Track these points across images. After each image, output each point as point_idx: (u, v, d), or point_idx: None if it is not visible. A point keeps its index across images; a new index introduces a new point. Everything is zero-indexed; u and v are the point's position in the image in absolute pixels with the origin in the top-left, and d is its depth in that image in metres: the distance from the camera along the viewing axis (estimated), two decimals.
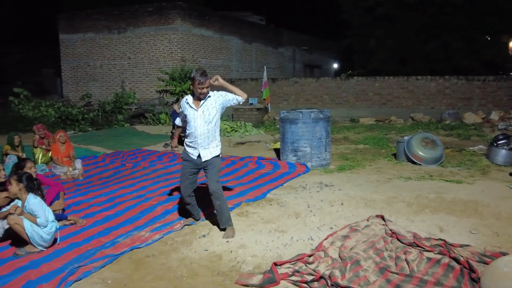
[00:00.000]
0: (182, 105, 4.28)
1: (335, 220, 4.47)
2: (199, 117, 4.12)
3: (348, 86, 15.08)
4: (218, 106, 4.18)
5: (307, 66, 27.84)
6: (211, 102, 4.15)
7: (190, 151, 4.24)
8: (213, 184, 4.13)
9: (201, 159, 4.17)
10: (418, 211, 4.80)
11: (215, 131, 4.22)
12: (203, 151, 4.16)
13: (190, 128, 4.21)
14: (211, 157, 4.17)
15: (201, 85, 4.01)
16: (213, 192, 4.11)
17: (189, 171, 4.25)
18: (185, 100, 4.24)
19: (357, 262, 3.29)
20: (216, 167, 4.19)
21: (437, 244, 3.61)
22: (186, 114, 4.21)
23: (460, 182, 6.07)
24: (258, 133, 12.30)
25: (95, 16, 18.82)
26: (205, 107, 4.13)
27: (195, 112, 4.14)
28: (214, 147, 4.21)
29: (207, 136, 4.14)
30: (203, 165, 4.21)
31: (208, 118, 4.13)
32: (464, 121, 12.74)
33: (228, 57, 19.75)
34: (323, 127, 7.45)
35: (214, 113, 4.15)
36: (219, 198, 4.11)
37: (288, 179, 6.59)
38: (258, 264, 3.42)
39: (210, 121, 4.14)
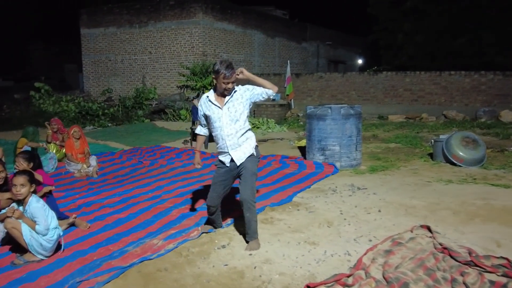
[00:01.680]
0: (202, 104, 3.73)
1: (374, 231, 3.91)
2: (224, 116, 3.59)
3: (376, 82, 14.38)
4: (245, 101, 3.64)
5: (331, 62, 27.07)
6: (237, 98, 3.61)
7: (222, 158, 3.72)
8: (246, 192, 3.57)
9: (235, 163, 3.66)
10: (467, 220, 4.20)
11: (245, 129, 3.67)
12: (235, 153, 3.64)
13: (215, 130, 3.68)
14: (245, 157, 3.64)
15: (226, 80, 3.48)
16: (245, 201, 3.56)
17: (222, 179, 3.73)
18: (206, 98, 3.70)
19: (406, 285, 2.75)
20: (251, 170, 3.63)
21: (500, 264, 3.02)
22: (209, 115, 3.67)
23: (509, 187, 5.42)
24: (281, 130, 11.79)
25: (116, 10, 18.60)
26: (230, 103, 3.59)
27: (219, 110, 3.61)
28: (247, 146, 3.67)
29: (236, 136, 3.62)
30: (239, 171, 3.68)
31: (234, 115, 3.59)
32: (501, 119, 11.92)
33: (250, 52, 19.25)
34: (354, 124, 6.87)
35: (241, 110, 3.62)
36: (250, 210, 3.57)
37: (315, 180, 6.06)
38: (287, 285, 2.90)
39: (238, 119, 3.61)
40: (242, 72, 3.59)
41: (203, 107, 3.71)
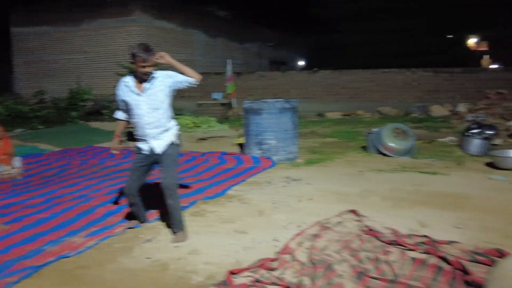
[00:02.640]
0: (119, 90, 3.52)
1: (304, 217, 3.90)
2: (143, 103, 3.41)
3: (315, 80, 14.67)
4: (166, 88, 3.48)
5: (273, 63, 27.36)
6: (157, 85, 3.44)
7: (141, 145, 3.56)
8: (167, 178, 3.43)
9: (154, 152, 3.51)
10: (395, 204, 4.31)
11: (167, 116, 3.53)
12: (156, 142, 3.49)
13: (134, 117, 3.50)
14: (165, 146, 3.50)
15: (144, 63, 3.29)
16: (166, 187, 3.41)
17: (140, 164, 3.57)
18: (124, 83, 3.49)
19: (330, 267, 2.74)
20: (172, 156, 3.51)
21: (422, 242, 3.10)
22: (128, 101, 3.48)
23: (436, 174, 5.67)
24: (222, 129, 11.67)
25: (50, 8, 17.64)
26: (150, 90, 3.42)
27: (138, 97, 3.43)
28: (169, 134, 3.54)
29: (157, 125, 3.47)
30: (159, 158, 3.53)
31: (154, 103, 3.43)
32: (432, 114, 12.54)
33: (192, 52, 19.01)
34: (290, 118, 6.90)
35: (162, 98, 3.46)
36: (172, 196, 3.42)
37: (252, 174, 6.00)
38: (212, 274, 2.80)
39: (159, 107, 3.45)
40: (163, 57, 3.43)
41: (121, 92, 3.51)
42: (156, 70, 3.46)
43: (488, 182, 5.21)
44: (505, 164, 5.87)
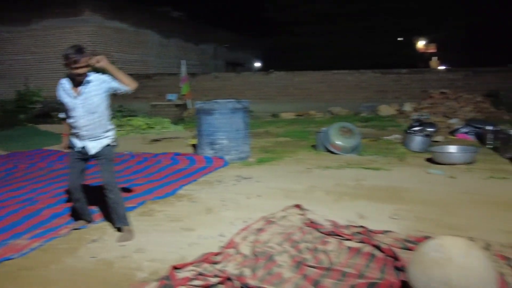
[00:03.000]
0: (58, 91, 3.52)
1: (251, 213, 4.03)
2: (79, 107, 3.42)
3: (269, 81, 14.89)
4: (102, 93, 3.49)
5: (229, 64, 27.41)
6: (93, 89, 3.44)
7: (74, 141, 3.57)
8: (106, 176, 3.51)
9: (89, 152, 3.54)
10: (338, 199, 4.53)
11: (103, 120, 3.55)
12: (90, 143, 3.52)
13: (71, 119, 3.51)
14: (100, 148, 3.54)
15: (76, 65, 3.28)
16: (106, 184, 3.48)
17: (77, 158, 3.59)
18: (61, 86, 3.49)
19: (271, 258, 2.87)
20: (108, 156, 3.56)
21: (358, 232, 3.30)
22: (64, 102, 3.48)
23: (378, 169, 5.96)
24: (176, 130, 11.63)
25: None
26: (86, 94, 3.42)
27: (74, 100, 3.43)
28: (104, 137, 3.57)
29: (93, 128, 3.49)
30: (94, 156, 3.57)
31: (90, 108, 3.44)
32: (380, 114, 13.07)
33: (145, 52, 18.73)
34: (241, 118, 7.03)
35: (98, 102, 3.47)
36: (113, 192, 3.48)
37: (204, 173, 6.07)
38: (156, 270, 2.86)
39: (94, 112, 3.46)
40: (100, 60, 3.42)
41: (59, 94, 3.51)
42: (91, 72, 3.47)
43: (426, 176, 5.55)
44: (442, 159, 6.26)
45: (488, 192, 4.60)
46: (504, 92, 12.97)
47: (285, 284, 2.54)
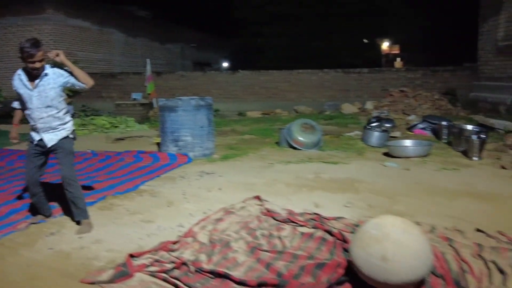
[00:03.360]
0: (14, 81, 3.52)
1: (211, 205, 4.12)
2: (35, 99, 3.44)
3: (235, 80, 14.99)
4: (57, 87, 3.52)
5: (197, 64, 27.35)
6: (49, 82, 3.47)
7: (32, 135, 3.57)
8: (65, 169, 3.53)
9: (46, 145, 3.54)
10: (296, 190, 4.68)
11: (59, 113, 3.57)
12: (46, 136, 3.54)
13: (26, 110, 3.52)
14: (57, 140, 3.55)
15: (31, 59, 3.29)
16: (65, 177, 3.50)
17: (34, 153, 3.59)
18: (18, 76, 3.50)
19: (227, 244, 2.97)
20: (66, 149, 3.57)
21: (311, 219, 3.45)
22: (20, 93, 3.49)
23: (337, 163, 6.16)
24: (141, 129, 11.54)
25: None
26: (41, 87, 3.45)
27: (30, 92, 3.44)
28: (61, 129, 3.59)
29: (48, 120, 3.51)
30: (52, 150, 3.58)
31: (46, 101, 3.47)
32: (343, 112, 13.39)
33: (110, 51, 18.45)
34: (205, 115, 7.09)
35: (53, 96, 3.49)
36: (72, 185, 3.50)
37: (167, 170, 6.10)
38: (113, 259, 2.91)
39: (50, 105, 3.49)
40: (58, 55, 3.45)
41: (16, 84, 3.50)
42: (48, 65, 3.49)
43: (382, 168, 5.79)
44: (398, 153, 6.53)
45: (437, 182, 4.87)
46: (460, 90, 13.57)
47: (239, 267, 2.65)
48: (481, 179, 4.98)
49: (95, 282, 2.54)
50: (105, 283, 2.52)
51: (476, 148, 6.29)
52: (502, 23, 10.93)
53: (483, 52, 12.10)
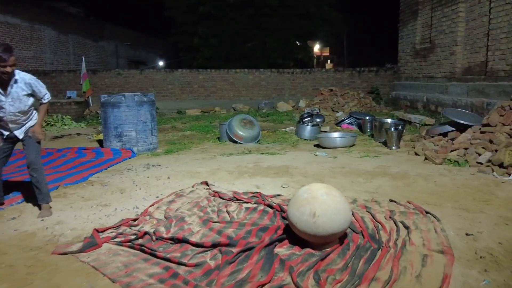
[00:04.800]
0: None
1: (162, 191, 4.49)
2: (8, 105, 3.63)
3: (173, 79, 15.21)
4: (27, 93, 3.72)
5: (131, 62, 27.00)
6: (22, 88, 3.67)
7: (1, 131, 3.78)
8: (31, 155, 3.76)
9: (17, 138, 3.81)
10: (238, 176, 5.17)
11: (29, 113, 3.86)
12: (17, 131, 3.80)
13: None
14: (25, 130, 3.82)
15: (2, 63, 3.42)
16: (31, 163, 3.74)
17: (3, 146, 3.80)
18: None
19: (182, 219, 3.39)
20: (32, 138, 3.82)
21: (254, 196, 3.96)
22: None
23: (274, 154, 6.74)
24: (78, 127, 11.44)
25: None
26: (14, 94, 3.63)
27: (3, 97, 3.61)
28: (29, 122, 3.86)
29: (20, 121, 3.78)
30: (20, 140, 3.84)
31: (19, 106, 3.68)
32: (278, 109, 14.14)
33: (40, 49, 17.83)
34: (148, 111, 7.37)
35: (25, 101, 3.71)
36: (37, 171, 3.75)
37: (112, 164, 6.31)
38: (78, 235, 3.22)
39: (22, 109, 3.72)
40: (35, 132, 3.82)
41: None
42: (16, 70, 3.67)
43: (313, 157, 6.45)
44: (327, 144, 7.26)
45: (359, 167, 5.59)
46: (383, 89, 14.86)
47: (194, 235, 3.08)
48: (396, 163, 5.79)
49: (66, 253, 2.85)
50: (76, 253, 2.84)
51: (394, 138, 7.16)
52: (418, 28, 12.19)
53: (403, 54, 13.37)
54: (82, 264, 2.69)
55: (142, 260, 2.70)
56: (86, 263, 2.69)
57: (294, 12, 21.38)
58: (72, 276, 2.54)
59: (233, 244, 2.82)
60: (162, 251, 2.82)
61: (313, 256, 2.67)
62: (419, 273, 2.40)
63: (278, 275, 2.45)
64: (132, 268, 2.57)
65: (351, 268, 2.50)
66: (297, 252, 2.75)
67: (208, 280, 2.43)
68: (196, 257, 2.72)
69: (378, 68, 15.37)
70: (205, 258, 2.71)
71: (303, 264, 2.56)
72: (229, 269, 2.53)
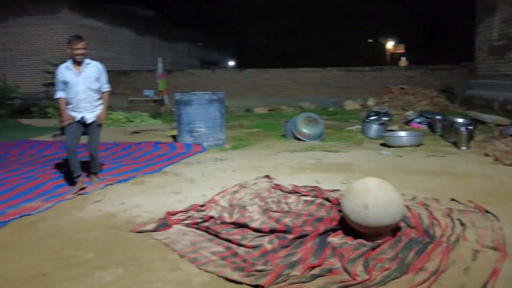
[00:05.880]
0: (60, 72, 4.45)
1: (227, 182, 4.81)
2: (81, 83, 4.41)
3: (241, 78, 15.69)
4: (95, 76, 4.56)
5: (204, 62, 28.08)
6: (92, 70, 4.50)
7: (73, 114, 4.51)
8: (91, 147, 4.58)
9: (86, 121, 4.51)
10: (299, 172, 5.37)
11: (97, 97, 4.60)
12: (88, 114, 4.50)
13: (70, 94, 4.40)
14: (94, 117, 4.55)
15: (77, 45, 4.31)
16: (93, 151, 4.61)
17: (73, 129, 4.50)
18: (64, 66, 4.44)
19: (243, 207, 3.67)
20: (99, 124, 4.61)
21: (312, 189, 4.14)
22: (68, 81, 4.38)
23: (338, 152, 6.84)
24: (155, 123, 12.25)
25: None
26: (87, 74, 4.45)
27: (76, 77, 4.39)
28: (97, 110, 4.61)
29: (89, 101, 4.49)
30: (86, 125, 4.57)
31: (89, 84, 4.46)
32: (345, 108, 14.07)
33: (120, 50, 19.22)
34: (217, 108, 7.79)
35: (94, 81, 4.52)
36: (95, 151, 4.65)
37: (184, 157, 6.78)
38: (153, 217, 3.61)
39: (91, 88, 4.49)
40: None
41: (62, 74, 4.42)
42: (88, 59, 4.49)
43: (377, 155, 6.47)
44: (393, 142, 7.21)
45: (423, 166, 5.54)
46: (457, 87, 14.21)
47: (254, 222, 3.34)
48: (462, 163, 5.65)
49: (142, 231, 3.24)
50: (151, 232, 3.22)
51: (464, 138, 6.94)
52: (496, 24, 11.55)
53: (479, 52, 12.73)
54: (155, 241, 3.06)
55: (207, 240, 3.01)
56: (159, 240, 3.06)
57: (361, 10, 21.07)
58: (147, 250, 2.92)
59: (289, 231, 3.03)
60: (225, 233, 3.11)
61: (365, 246, 2.81)
62: (468, 266, 2.46)
63: (329, 260, 2.63)
64: (198, 246, 2.89)
65: (400, 258, 2.61)
66: (349, 242, 2.91)
67: (264, 260, 2.67)
68: (255, 240, 2.97)
69: (452, 66, 14.73)
70: (263, 241, 2.95)
71: (354, 252, 2.71)
72: (284, 252, 2.75)
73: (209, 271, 2.54)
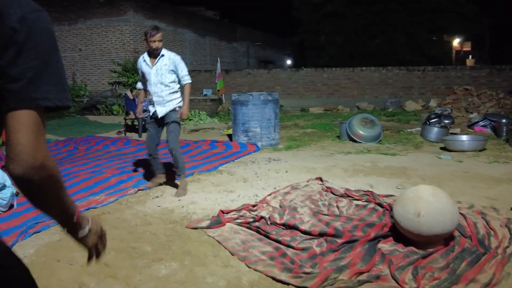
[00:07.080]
0: (138, 63, 4.59)
1: (279, 183, 4.90)
2: (153, 75, 4.41)
3: (298, 77, 15.69)
4: (169, 68, 4.41)
5: (261, 62, 28.36)
6: (164, 62, 4.39)
7: (150, 108, 4.60)
8: (172, 142, 4.43)
9: (157, 116, 4.50)
10: (353, 174, 5.33)
11: (170, 90, 4.46)
12: (159, 108, 4.48)
13: (147, 85, 4.54)
14: (167, 111, 4.47)
15: (152, 38, 4.26)
16: (171, 149, 4.46)
17: (153, 126, 4.60)
18: (142, 57, 4.52)
19: (294, 209, 3.73)
20: (174, 119, 4.45)
21: (365, 194, 4.11)
22: (143, 71, 4.49)
23: (395, 155, 6.69)
24: (212, 122, 12.60)
25: (45, 8, 18.33)
26: (158, 66, 4.39)
27: (149, 68, 4.43)
28: (171, 103, 4.48)
29: (160, 95, 4.43)
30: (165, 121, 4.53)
31: (160, 77, 4.39)
32: (405, 109, 13.64)
33: (181, 50, 19.86)
34: (272, 109, 7.89)
35: (165, 74, 4.39)
36: (174, 149, 4.44)
37: (239, 156, 6.96)
38: (207, 214, 3.78)
39: (162, 81, 4.40)
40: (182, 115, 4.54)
41: (140, 66, 4.56)
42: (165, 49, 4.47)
43: (436, 160, 6.26)
44: (453, 147, 6.93)
45: (484, 172, 5.29)
46: None
47: (304, 224, 3.39)
48: None
49: (197, 228, 3.40)
50: (205, 228, 3.37)
51: None
52: None
53: None
54: (209, 238, 3.21)
55: (257, 240, 3.11)
56: (212, 237, 3.20)
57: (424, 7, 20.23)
58: (201, 246, 3.07)
59: (338, 235, 3.05)
60: (275, 234, 3.19)
61: (415, 254, 2.77)
62: None
63: (377, 266, 2.63)
64: (249, 245, 2.99)
65: (451, 268, 2.56)
66: (399, 249, 2.88)
67: (312, 262, 2.72)
68: (304, 242, 3.03)
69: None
70: (312, 244, 3.00)
71: (404, 260, 2.69)
72: (332, 256, 2.78)
73: (258, 270, 2.63)
